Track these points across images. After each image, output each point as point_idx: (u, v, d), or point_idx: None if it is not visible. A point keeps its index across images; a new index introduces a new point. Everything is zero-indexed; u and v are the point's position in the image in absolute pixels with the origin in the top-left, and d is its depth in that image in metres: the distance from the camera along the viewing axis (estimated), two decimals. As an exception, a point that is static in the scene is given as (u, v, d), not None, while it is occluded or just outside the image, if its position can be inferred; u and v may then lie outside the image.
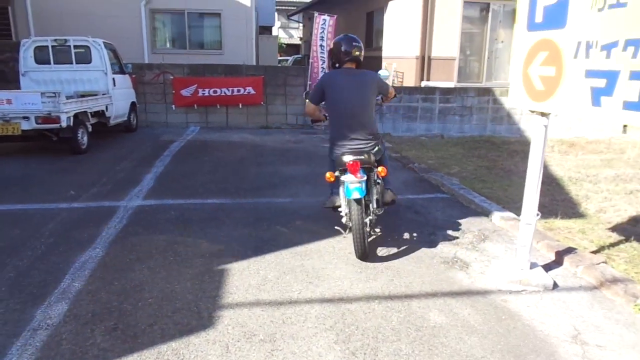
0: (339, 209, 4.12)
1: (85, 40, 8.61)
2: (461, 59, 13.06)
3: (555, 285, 3.56)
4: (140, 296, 3.23)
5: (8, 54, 10.35)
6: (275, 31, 27.81)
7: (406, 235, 4.52)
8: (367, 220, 3.86)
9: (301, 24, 30.15)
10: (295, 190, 5.93)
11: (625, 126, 11.11)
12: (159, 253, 3.92)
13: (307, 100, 4.30)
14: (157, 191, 5.69)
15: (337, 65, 4.20)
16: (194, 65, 11.11)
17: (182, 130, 10.47)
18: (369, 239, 4.00)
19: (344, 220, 4.04)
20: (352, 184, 3.70)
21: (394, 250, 4.16)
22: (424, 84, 12.72)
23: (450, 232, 4.64)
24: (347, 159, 3.78)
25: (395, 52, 14.10)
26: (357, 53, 4.15)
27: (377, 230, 4.30)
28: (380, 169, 3.95)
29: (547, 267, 3.84)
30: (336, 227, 4.24)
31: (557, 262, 3.97)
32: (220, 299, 3.23)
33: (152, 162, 7.19)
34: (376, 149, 4.05)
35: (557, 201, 5.64)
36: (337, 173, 3.97)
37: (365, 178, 3.73)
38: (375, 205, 4.04)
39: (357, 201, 3.72)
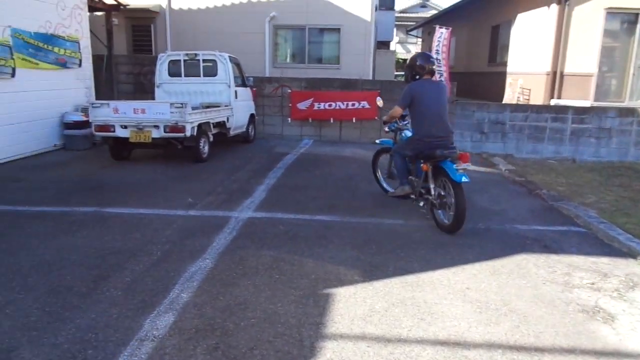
0: (412, 195, 5.31)
1: (212, 54, 9.09)
2: (599, 76, 11.71)
3: None
4: (244, 315, 3.13)
5: (147, 67, 11.36)
6: (392, 46, 27.59)
7: (534, 272, 3.96)
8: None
9: (420, 39, 29.62)
10: (407, 211, 5.58)
11: None
12: (265, 270, 3.83)
13: (395, 106, 5.24)
14: (268, 203, 5.70)
15: (417, 77, 5.14)
16: (311, 79, 11.27)
17: (296, 142, 10.62)
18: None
19: (421, 204, 5.23)
20: (462, 170, 4.66)
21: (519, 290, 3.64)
22: (553, 102, 11.61)
23: (589, 274, 3.98)
24: (441, 152, 4.73)
25: (522, 67, 13.10)
26: (432, 67, 5.13)
27: None
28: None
29: None
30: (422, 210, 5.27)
31: None
32: (323, 328, 3.02)
33: (266, 173, 7.29)
34: (454, 143, 5.05)
35: None
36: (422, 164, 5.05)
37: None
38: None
39: (461, 185, 4.62)
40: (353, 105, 10.89)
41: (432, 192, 5.01)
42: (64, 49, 8.88)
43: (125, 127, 7.39)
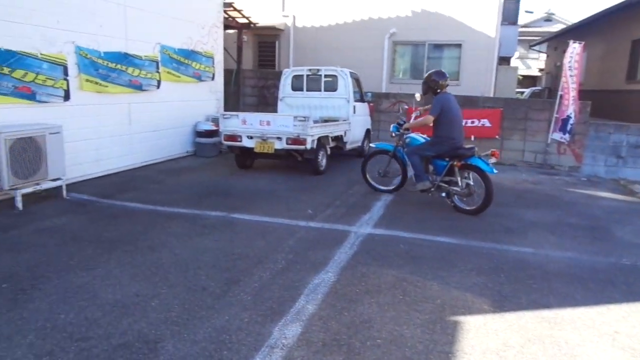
0: (432, 189, 6.18)
1: (334, 70, 9.30)
2: None
3: None
4: (369, 334, 3.08)
5: (271, 81, 11.95)
6: (513, 62, 26.22)
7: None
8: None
9: (542, 54, 27.79)
10: (537, 239, 5.18)
11: None
12: (388, 289, 3.76)
13: (430, 116, 6.01)
14: (386, 220, 5.64)
15: (438, 91, 6.13)
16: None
17: (410, 159, 10.44)
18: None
19: (443, 194, 6.23)
20: (493, 165, 5.81)
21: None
22: None
23: None
24: (464, 151, 5.88)
25: (670, 86, 11.68)
26: (447, 82, 6.18)
27: None
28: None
29: None
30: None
31: None
32: (453, 358, 2.86)
33: (382, 189, 7.24)
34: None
35: None
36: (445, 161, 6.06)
37: None
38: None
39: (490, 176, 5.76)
40: (472, 123, 10.46)
41: (460, 184, 5.97)
42: (201, 64, 9.66)
43: (251, 137, 7.80)
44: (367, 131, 10.43)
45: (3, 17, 5.62)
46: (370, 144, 7.11)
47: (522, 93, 24.22)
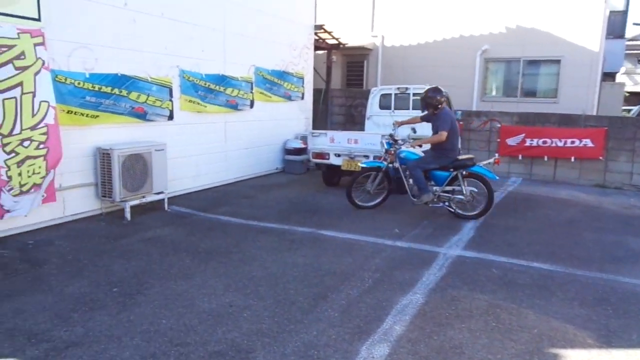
0: (434, 200, 6.41)
1: (423, 88, 9.18)
2: None
3: None
4: (460, 361, 2.98)
5: (358, 100, 12.08)
6: (619, 77, 24.29)
7: None
8: None
9: (655, 68, 25.46)
10: (650, 271, 4.71)
11: None
12: (480, 315, 3.61)
13: (445, 132, 6.17)
14: (477, 243, 5.42)
15: (438, 106, 6.38)
16: (523, 113, 10.55)
17: (502, 180, 9.98)
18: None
19: (446, 204, 6.49)
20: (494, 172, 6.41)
21: None
22: None
23: None
24: (465, 162, 6.34)
25: None
26: (444, 98, 6.49)
27: None
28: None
29: None
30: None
31: None
32: (553, 394, 2.67)
33: (472, 210, 6.99)
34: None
35: None
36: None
37: None
38: None
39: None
40: (573, 142, 9.79)
41: (464, 192, 6.29)
42: (291, 84, 10.01)
43: (339, 155, 7.91)
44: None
45: (121, 46, 6.23)
46: (361, 164, 6.98)
47: (629, 111, 22.31)
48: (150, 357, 2.94)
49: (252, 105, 8.84)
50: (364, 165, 6.82)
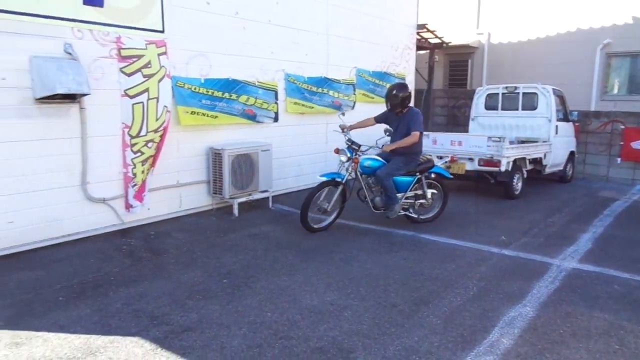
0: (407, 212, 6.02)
1: (534, 87, 8.65)
2: None
3: None
4: (576, 382, 2.75)
5: (462, 101, 11.67)
6: None
7: None
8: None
9: None
10: None
11: None
12: (600, 335, 3.31)
13: (418, 133, 5.60)
14: (595, 256, 4.98)
15: (407, 105, 5.76)
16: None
17: (626, 187, 9.06)
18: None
19: (410, 210, 6.03)
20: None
21: None
22: None
23: None
24: (430, 162, 5.98)
25: None
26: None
27: None
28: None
29: None
30: None
31: None
32: None
33: (590, 220, 6.42)
34: None
35: None
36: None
37: None
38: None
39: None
40: None
41: (428, 196, 6.01)
42: (393, 85, 9.92)
43: (441, 157, 7.69)
44: (571, 154, 9.41)
45: (232, 52, 6.60)
46: (320, 176, 5.68)
47: None
48: (257, 347, 3.09)
49: (353, 107, 8.90)
50: (323, 179, 5.60)
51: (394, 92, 5.64)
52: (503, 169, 7.16)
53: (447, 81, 14.23)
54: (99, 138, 5.20)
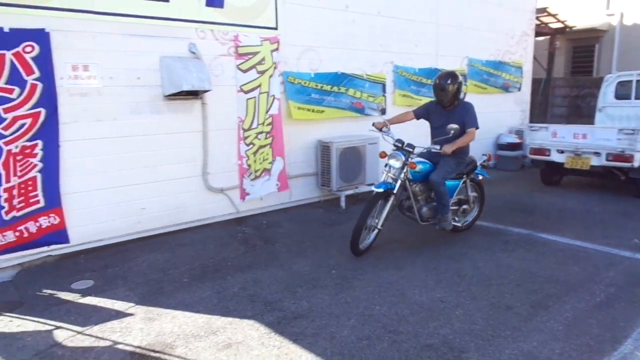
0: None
1: (677, 73, 7.65)
2: None
3: None
4: None
5: (587, 90, 10.68)
6: None
7: None
8: None
9: None
10: None
11: None
12: None
13: (475, 130, 4.85)
14: None
15: (459, 97, 4.97)
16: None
17: None
18: None
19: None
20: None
21: None
22: None
23: None
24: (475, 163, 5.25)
25: None
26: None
27: None
28: None
29: None
30: None
31: None
32: None
33: None
34: None
35: None
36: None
37: None
38: None
39: None
40: None
41: (471, 200, 5.33)
42: (508, 74, 9.36)
43: (562, 151, 7.12)
44: None
45: (341, 46, 6.67)
46: (375, 189, 4.59)
47: None
48: (366, 339, 3.11)
49: (464, 98, 8.53)
50: (380, 190, 4.56)
51: (446, 82, 4.81)
52: (636, 164, 6.42)
53: (570, 69, 13.11)
54: (218, 132, 5.55)
